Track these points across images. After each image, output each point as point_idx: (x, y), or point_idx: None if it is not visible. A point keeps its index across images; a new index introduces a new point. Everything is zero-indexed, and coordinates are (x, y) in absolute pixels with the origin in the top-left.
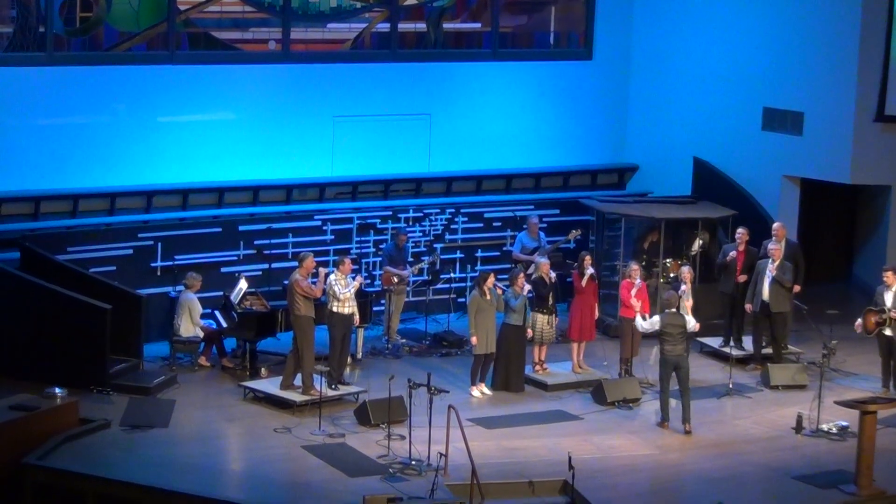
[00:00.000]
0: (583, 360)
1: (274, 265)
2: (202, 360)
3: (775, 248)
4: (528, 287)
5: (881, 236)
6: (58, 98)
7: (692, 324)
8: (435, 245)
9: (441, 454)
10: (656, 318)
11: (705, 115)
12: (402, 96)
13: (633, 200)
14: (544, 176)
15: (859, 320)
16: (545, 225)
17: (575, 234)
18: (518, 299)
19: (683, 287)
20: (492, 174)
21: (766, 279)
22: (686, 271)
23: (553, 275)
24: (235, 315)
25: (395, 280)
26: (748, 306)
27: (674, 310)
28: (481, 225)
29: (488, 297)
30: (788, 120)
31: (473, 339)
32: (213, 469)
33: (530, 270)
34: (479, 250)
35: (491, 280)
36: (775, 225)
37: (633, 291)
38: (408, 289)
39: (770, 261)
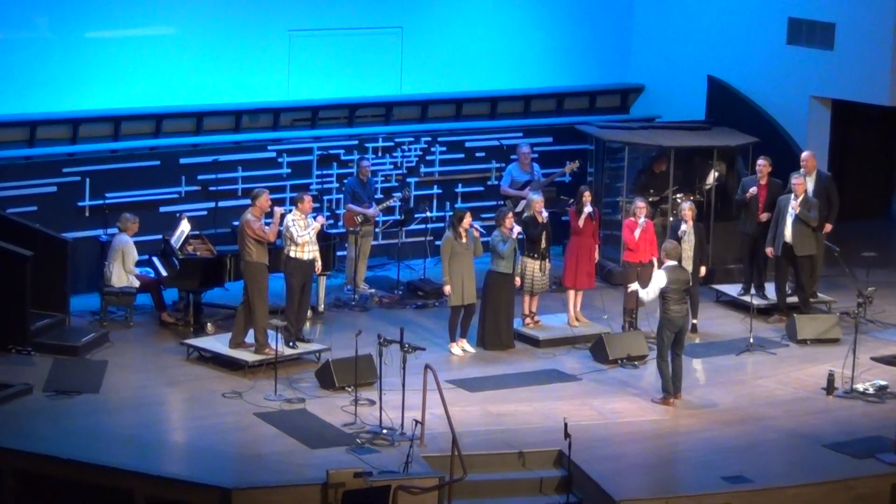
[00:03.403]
0: (580, 311)
1: (221, 203)
2: (165, 317)
3: (798, 181)
4: (517, 229)
5: None
6: None
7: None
8: (408, 179)
9: (416, 422)
10: (659, 276)
11: (721, 28)
12: (368, 6)
13: (638, 126)
14: (535, 98)
15: None
16: (537, 155)
17: (572, 166)
18: (507, 243)
19: (684, 226)
20: (474, 97)
21: (788, 218)
22: (687, 208)
23: (545, 213)
24: (176, 262)
25: (360, 220)
26: (769, 250)
27: (675, 262)
28: (462, 156)
29: (464, 239)
30: (817, 32)
31: (447, 289)
32: (152, 441)
33: (520, 208)
34: (460, 185)
35: (467, 220)
36: (804, 154)
37: (637, 232)
38: (376, 230)
39: (793, 196)
